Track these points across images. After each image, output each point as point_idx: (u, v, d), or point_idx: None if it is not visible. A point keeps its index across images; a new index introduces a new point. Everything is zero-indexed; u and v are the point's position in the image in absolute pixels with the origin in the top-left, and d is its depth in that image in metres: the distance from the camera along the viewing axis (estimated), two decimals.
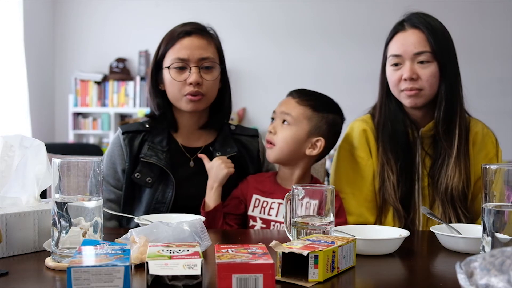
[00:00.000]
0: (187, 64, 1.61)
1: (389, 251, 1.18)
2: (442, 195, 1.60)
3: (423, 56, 1.57)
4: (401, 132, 1.64)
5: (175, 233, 1.08)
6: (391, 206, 1.62)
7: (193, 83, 1.59)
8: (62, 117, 5.19)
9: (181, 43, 1.62)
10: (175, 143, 1.68)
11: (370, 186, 1.65)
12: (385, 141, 1.65)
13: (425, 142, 1.65)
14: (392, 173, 1.62)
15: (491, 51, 4.87)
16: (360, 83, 4.92)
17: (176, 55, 1.61)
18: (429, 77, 1.58)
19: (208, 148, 1.69)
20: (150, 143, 1.65)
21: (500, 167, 1.04)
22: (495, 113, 4.56)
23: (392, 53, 1.62)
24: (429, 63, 1.58)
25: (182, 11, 4.89)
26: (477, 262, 0.74)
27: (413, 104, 1.60)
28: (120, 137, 1.66)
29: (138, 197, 1.63)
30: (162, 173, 1.61)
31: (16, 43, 4.38)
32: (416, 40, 1.58)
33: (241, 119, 5.01)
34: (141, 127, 1.68)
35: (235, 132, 1.75)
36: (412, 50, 1.58)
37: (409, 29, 1.61)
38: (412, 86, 1.58)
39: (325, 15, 5.10)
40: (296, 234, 1.16)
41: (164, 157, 1.62)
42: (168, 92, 1.65)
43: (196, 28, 1.65)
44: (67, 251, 1.03)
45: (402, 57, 1.59)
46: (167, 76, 1.63)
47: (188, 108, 1.62)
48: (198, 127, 1.70)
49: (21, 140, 1.27)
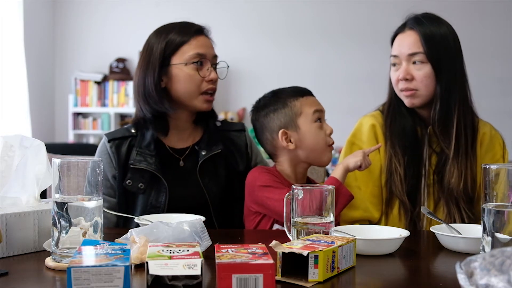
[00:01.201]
0: (206, 60, 1.61)
1: (389, 251, 1.18)
2: (446, 194, 1.61)
3: (416, 57, 1.60)
4: (410, 128, 1.67)
5: (175, 233, 1.08)
6: (397, 200, 1.63)
7: (213, 79, 1.61)
8: (62, 117, 5.19)
9: (197, 40, 1.61)
10: (162, 145, 1.65)
11: (377, 181, 1.67)
12: (393, 135, 1.67)
13: (433, 140, 1.67)
14: (400, 166, 1.63)
15: (491, 51, 4.87)
16: (360, 83, 4.92)
17: (195, 50, 1.59)
18: (423, 78, 1.60)
19: (194, 148, 1.67)
20: (138, 148, 1.61)
21: (500, 167, 1.04)
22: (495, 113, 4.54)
23: (392, 54, 1.66)
24: (423, 64, 1.60)
25: (182, 11, 4.88)
26: (477, 262, 0.74)
27: (410, 104, 1.63)
28: (106, 144, 1.62)
29: (132, 204, 1.60)
30: (153, 177, 1.59)
31: (16, 43, 4.38)
32: (410, 41, 1.61)
33: (241, 119, 5.01)
34: (126, 132, 1.65)
35: (221, 128, 1.73)
36: (406, 51, 1.61)
37: (406, 30, 1.64)
38: (407, 86, 1.61)
39: (325, 15, 5.10)
40: (296, 234, 1.16)
41: (154, 161, 1.59)
42: (178, 89, 1.60)
43: (204, 28, 1.66)
44: (67, 251, 1.03)
45: (399, 58, 1.63)
46: (181, 73, 1.59)
47: (204, 107, 1.62)
48: (191, 123, 1.68)
49: (21, 140, 1.27)
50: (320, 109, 1.59)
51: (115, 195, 1.61)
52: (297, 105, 1.58)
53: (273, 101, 1.62)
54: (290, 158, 1.61)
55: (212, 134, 1.69)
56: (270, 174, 1.56)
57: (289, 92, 1.61)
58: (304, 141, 1.57)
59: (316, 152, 1.58)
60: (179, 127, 1.67)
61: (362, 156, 1.53)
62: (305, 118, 1.57)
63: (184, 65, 1.59)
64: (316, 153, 1.58)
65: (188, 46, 1.59)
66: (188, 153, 1.66)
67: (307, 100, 1.59)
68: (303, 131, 1.57)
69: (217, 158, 1.65)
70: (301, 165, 1.62)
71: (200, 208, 1.54)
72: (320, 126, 1.58)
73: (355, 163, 1.53)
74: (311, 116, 1.57)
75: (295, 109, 1.58)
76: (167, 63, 1.60)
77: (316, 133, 1.57)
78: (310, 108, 1.58)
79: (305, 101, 1.59)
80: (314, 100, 1.61)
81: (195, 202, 1.60)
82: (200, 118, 1.70)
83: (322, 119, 1.59)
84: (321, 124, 1.58)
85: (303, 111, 1.57)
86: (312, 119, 1.57)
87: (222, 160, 1.66)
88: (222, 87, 1.78)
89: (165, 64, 1.60)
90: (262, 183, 1.53)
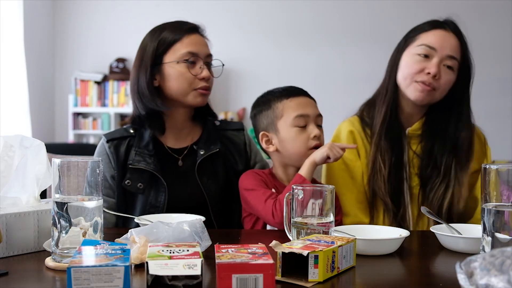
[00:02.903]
0: (198, 58, 1.61)
1: (389, 251, 1.18)
2: (429, 206, 1.60)
3: (452, 61, 1.62)
4: (396, 129, 1.67)
5: (175, 233, 1.08)
6: (381, 201, 1.62)
7: (206, 77, 1.60)
8: (62, 117, 5.19)
9: (190, 38, 1.61)
10: (160, 145, 1.66)
11: (361, 187, 1.66)
12: (381, 130, 1.65)
13: (412, 142, 1.67)
14: (384, 166, 1.63)
15: (491, 51, 4.86)
16: (360, 83, 4.90)
17: (187, 49, 1.60)
18: (447, 82, 1.62)
19: (192, 147, 1.68)
20: (137, 148, 1.62)
21: (500, 167, 1.04)
22: (495, 113, 4.56)
23: (428, 44, 1.62)
24: (452, 71, 1.62)
25: (182, 11, 4.87)
26: (477, 262, 0.74)
27: (420, 99, 1.62)
28: (105, 145, 1.63)
29: (131, 204, 1.61)
30: (152, 177, 1.59)
31: (16, 43, 4.37)
32: (453, 44, 1.62)
33: (241, 119, 5.01)
34: (125, 133, 1.66)
35: (220, 127, 1.73)
36: (448, 51, 1.61)
37: (450, 31, 1.64)
38: (431, 82, 1.60)
39: (325, 15, 5.09)
40: (296, 234, 1.17)
41: (152, 161, 1.60)
42: (171, 87, 1.61)
43: (199, 26, 1.66)
44: (67, 251, 1.03)
45: (435, 51, 1.61)
46: (173, 71, 1.60)
47: (198, 101, 1.62)
48: (188, 122, 1.68)
49: (21, 140, 1.27)
50: (304, 114, 1.53)
51: (114, 196, 1.61)
52: (279, 108, 1.55)
53: (262, 101, 1.61)
54: (278, 160, 1.59)
55: (211, 134, 1.69)
56: (255, 177, 1.54)
57: (276, 93, 1.59)
58: (283, 145, 1.54)
59: (297, 156, 1.53)
60: (176, 126, 1.67)
61: (328, 147, 1.48)
62: (285, 122, 1.53)
63: (176, 63, 1.60)
64: (297, 156, 1.54)
65: (180, 45, 1.60)
66: (186, 153, 1.66)
67: (291, 103, 1.54)
68: (282, 135, 1.54)
69: (216, 158, 1.65)
70: (290, 167, 1.58)
71: (199, 208, 1.54)
72: (301, 131, 1.52)
73: (321, 154, 1.48)
74: (291, 120, 1.52)
75: (277, 111, 1.55)
76: (159, 62, 1.61)
77: (294, 137, 1.52)
78: (293, 112, 1.53)
79: (289, 103, 1.54)
80: (300, 103, 1.55)
81: (194, 202, 1.60)
82: (198, 115, 1.70)
83: (308, 123, 1.53)
84: (302, 129, 1.52)
85: (284, 114, 1.54)
86: (292, 123, 1.52)
87: (220, 159, 1.66)
88: (222, 87, 1.78)
89: (158, 62, 1.61)
90: (246, 186, 1.53)
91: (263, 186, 1.52)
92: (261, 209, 1.46)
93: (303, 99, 1.57)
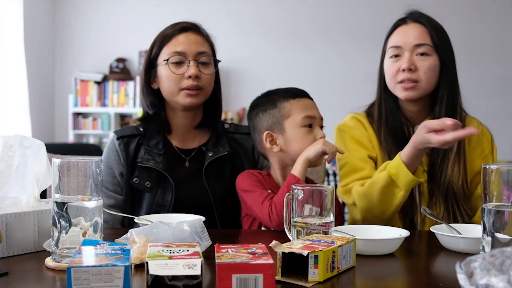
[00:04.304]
0: (184, 58, 1.60)
1: (389, 251, 1.18)
2: (444, 192, 1.60)
3: (423, 48, 1.61)
4: (399, 128, 1.66)
5: (175, 233, 1.08)
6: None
7: (192, 76, 1.57)
8: (62, 117, 5.19)
9: (177, 39, 1.61)
10: (169, 145, 1.67)
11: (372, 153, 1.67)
12: (384, 136, 1.66)
13: None
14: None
15: (491, 51, 4.87)
16: (360, 83, 4.91)
17: (173, 49, 1.60)
18: (427, 70, 1.60)
19: (201, 149, 1.68)
20: (146, 147, 1.63)
21: (499, 167, 1.04)
22: (495, 113, 4.56)
23: (392, 45, 1.65)
24: (428, 56, 1.61)
25: (182, 11, 4.89)
26: (477, 262, 0.74)
27: (408, 97, 1.62)
28: (115, 142, 1.64)
29: (138, 202, 1.61)
30: (160, 176, 1.60)
31: (16, 43, 4.38)
32: (417, 32, 1.62)
33: (241, 119, 5.01)
34: (135, 131, 1.67)
35: (230, 130, 1.74)
36: (412, 42, 1.61)
37: (410, 23, 1.65)
38: (409, 76, 1.60)
39: (325, 15, 5.10)
40: (296, 234, 1.17)
41: (161, 160, 1.61)
42: (163, 88, 1.62)
43: (192, 25, 1.66)
44: (67, 251, 1.03)
45: (402, 49, 1.62)
46: (163, 72, 1.61)
47: (186, 102, 1.59)
48: (192, 127, 1.68)
49: (21, 140, 1.27)
50: (312, 115, 1.52)
51: (122, 193, 1.62)
52: (287, 107, 1.53)
53: (264, 101, 1.59)
54: (278, 161, 1.57)
55: (220, 136, 1.70)
56: (250, 178, 1.54)
57: (281, 93, 1.57)
58: (289, 145, 1.52)
59: None
60: (180, 126, 1.68)
61: (321, 143, 1.46)
62: (293, 122, 1.51)
63: (165, 64, 1.60)
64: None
65: (168, 47, 1.62)
66: (194, 154, 1.67)
67: (298, 103, 1.53)
68: (289, 134, 1.52)
69: (223, 160, 1.66)
70: (289, 168, 1.53)
71: (204, 209, 1.55)
72: (309, 131, 1.51)
73: (315, 150, 1.45)
74: (299, 120, 1.51)
75: (284, 111, 1.53)
76: (155, 65, 1.64)
77: (302, 138, 1.51)
78: (301, 113, 1.51)
79: (296, 103, 1.53)
80: (307, 104, 1.54)
81: (199, 203, 1.60)
82: (207, 120, 1.70)
83: (314, 125, 1.52)
84: (310, 130, 1.52)
85: (291, 114, 1.52)
86: (301, 123, 1.51)
87: (228, 162, 1.66)
88: (222, 87, 1.77)
89: (154, 65, 1.64)
90: (243, 187, 1.53)
91: (259, 186, 1.51)
92: (258, 211, 1.46)
93: (308, 101, 1.56)
